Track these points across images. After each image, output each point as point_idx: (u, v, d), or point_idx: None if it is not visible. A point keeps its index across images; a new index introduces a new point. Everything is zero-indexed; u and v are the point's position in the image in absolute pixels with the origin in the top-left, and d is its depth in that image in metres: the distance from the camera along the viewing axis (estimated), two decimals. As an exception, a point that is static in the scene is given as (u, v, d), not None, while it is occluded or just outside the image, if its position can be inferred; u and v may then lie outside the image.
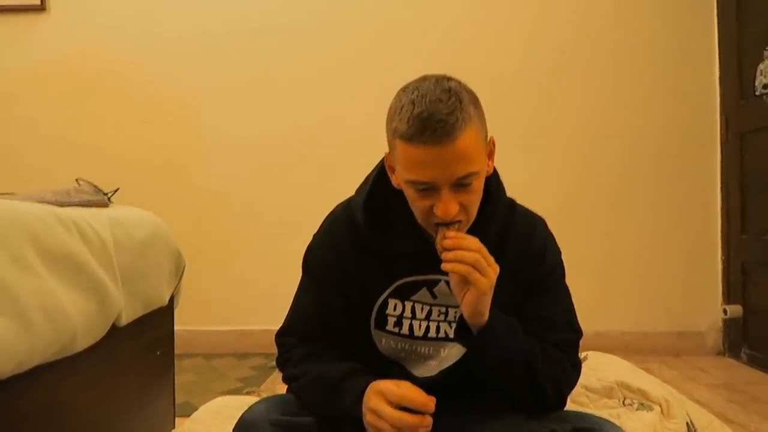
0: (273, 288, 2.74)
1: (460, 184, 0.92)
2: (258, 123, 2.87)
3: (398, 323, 1.07)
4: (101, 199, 1.32)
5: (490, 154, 1.01)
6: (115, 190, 1.38)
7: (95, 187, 1.32)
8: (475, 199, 0.96)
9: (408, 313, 1.06)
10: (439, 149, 0.87)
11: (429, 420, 0.88)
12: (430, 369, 1.09)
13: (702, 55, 2.78)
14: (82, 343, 1.03)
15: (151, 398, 1.44)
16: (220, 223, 2.88)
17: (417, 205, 0.96)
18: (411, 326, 1.07)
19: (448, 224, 0.94)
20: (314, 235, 1.13)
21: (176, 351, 1.61)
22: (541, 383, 0.99)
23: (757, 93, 2.30)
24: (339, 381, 0.98)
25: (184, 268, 1.51)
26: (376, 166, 1.08)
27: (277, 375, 2.47)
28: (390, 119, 0.94)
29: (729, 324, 2.67)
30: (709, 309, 2.72)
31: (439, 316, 1.07)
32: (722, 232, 2.74)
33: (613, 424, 1.03)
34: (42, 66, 2.88)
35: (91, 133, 2.88)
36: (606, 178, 2.79)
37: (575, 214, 2.75)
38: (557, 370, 1.03)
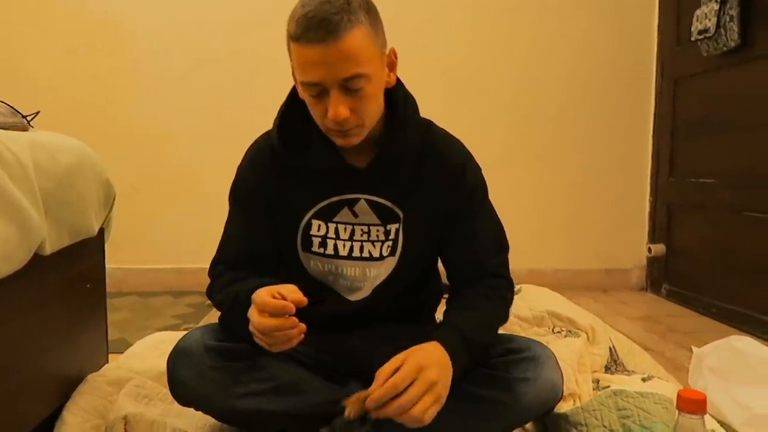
0: (210, 226, 2.61)
1: (349, 87, 0.93)
2: (197, 55, 2.72)
3: (323, 244, 1.09)
4: (20, 122, 1.22)
5: (392, 66, 1.03)
6: (36, 113, 1.29)
7: (12, 108, 1.23)
8: (367, 105, 0.96)
9: (332, 233, 1.08)
10: (324, 48, 0.89)
11: (291, 322, 0.88)
12: (360, 292, 1.11)
13: (642, 2, 2.81)
14: (2, 271, 0.97)
15: (81, 332, 1.39)
16: (155, 160, 2.76)
17: (314, 110, 0.98)
18: (336, 246, 1.09)
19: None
20: (238, 167, 1.15)
21: (110, 289, 1.55)
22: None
23: (692, 38, 2.36)
24: (246, 299, 0.97)
25: (114, 198, 1.44)
26: (291, 88, 1.08)
27: (216, 312, 2.46)
28: (287, 24, 0.94)
29: (652, 262, 2.82)
30: (635, 248, 2.87)
31: (362, 235, 1.08)
32: (651, 175, 2.86)
33: (540, 343, 1.09)
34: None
35: (8, 57, 2.66)
36: (542, 122, 2.84)
37: (512, 157, 2.80)
38: (502, 313, 1.08)
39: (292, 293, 0.89)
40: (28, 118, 1.27)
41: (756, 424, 1.19)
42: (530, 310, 1.59)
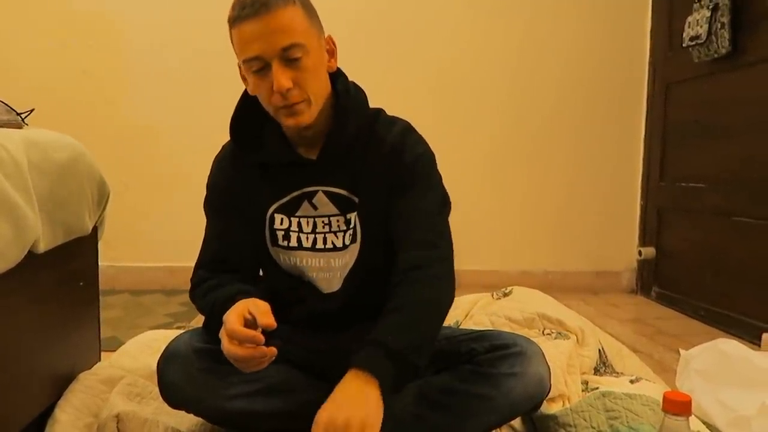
0: (203, 224, 2.63)
1: (288, 58, 0.97)
2: (189, 52, 2.72)
3: (286, 236, 1.11)
4: (14, 119, 1.23)
5: (331, 53, 1.08)
6: (30, 111, 1.29)
7: (7, 106, 1.23)
8: (309, 77, 1.00)
9: (295, 227, 1.11)
10: (258, 20, 0.95)
11: (260, 352, 0.90)
12: (331, 283, 1.12)
13: (635, 7, 2.84)
14: (-4, 268, 0.98)
15: (74, 330, 1.39)
16: (147, 157, 2.76)
17: (261, 91, 1.02)
18: (299, 238, 1.11)
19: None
20: (208, 174, 1.18)
21: (102, 287, 1.55)
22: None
23: (684, 45, 2.38)
24: (221, 310, 0.98)
25: (108, 196, 1.44)
26: (243, 91, 1.12)
27: (208, 311, 2.47)
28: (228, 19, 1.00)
29: (642, 265, 2.85)
30: (625, 251, 2.90)
31: (324, 227, 1.10)
32: (642, 178, 2.88)
33: (526, 339, 1.09)
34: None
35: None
36: (534, 124, 2.86)
37: (505, 159, 2.81)
38: (429, 298, 0.99)
39: (262, 316, 0.90)
40: (23, 116, 1.28)
41: (740, 425, 1.21)
42: (521, 311, 1.61)
